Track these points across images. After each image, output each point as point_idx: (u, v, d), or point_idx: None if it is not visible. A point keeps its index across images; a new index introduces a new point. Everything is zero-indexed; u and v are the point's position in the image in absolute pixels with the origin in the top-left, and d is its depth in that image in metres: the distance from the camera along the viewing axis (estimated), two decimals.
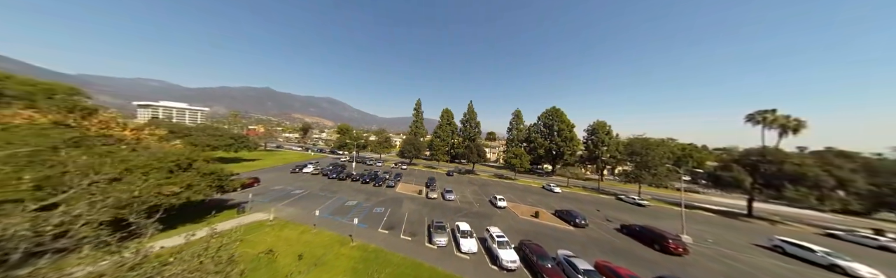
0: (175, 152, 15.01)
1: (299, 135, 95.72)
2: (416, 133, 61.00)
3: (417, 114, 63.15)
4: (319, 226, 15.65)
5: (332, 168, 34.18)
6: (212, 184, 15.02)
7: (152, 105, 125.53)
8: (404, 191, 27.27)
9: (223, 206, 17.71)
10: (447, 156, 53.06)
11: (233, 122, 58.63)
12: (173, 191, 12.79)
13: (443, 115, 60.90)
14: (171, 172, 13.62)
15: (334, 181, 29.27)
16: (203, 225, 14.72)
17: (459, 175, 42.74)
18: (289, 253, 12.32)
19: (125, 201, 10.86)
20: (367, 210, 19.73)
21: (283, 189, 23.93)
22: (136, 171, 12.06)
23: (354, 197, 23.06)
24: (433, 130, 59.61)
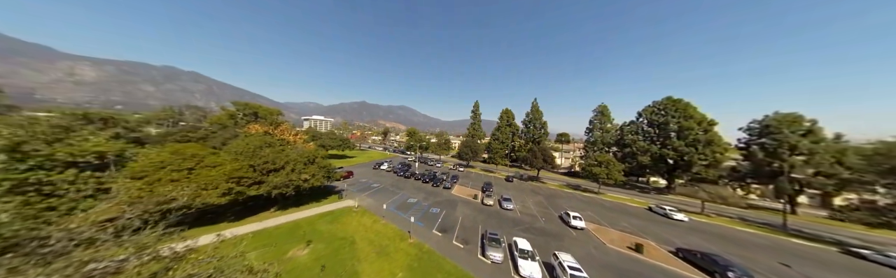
0: (308, 151, 21.98)
1: (381, 138, 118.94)
2: (474, 135, 60.62)
3: (475, 116, 62.79)
4: (386, 219, 18.06)
5: (401, 166, 39.49)
6: (325, 174, 20.79)
7: (310, 118, 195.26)
8: (460, 193, 27.24)
9: (330, 192, 24.11)
10: (506, 160, 49.14)
11: (343, 129, 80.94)
12: (305, 178, 18.65)
13: (502, 116, 57.32)
14: (305, 165, 19.97)
15: (401, 178, 33.56)
16: (319, 204, 20.59)
17: (520, 181, 38.35)
18: (364, 239, 14.79)
19: (284, 182, 16.68)
20: (424, 209, 21.02)
21: (366, 182, 29.89)
22: (292, 163, 18.49)
23: (415, 195, 25.29)
24: (491, 132, 57.16)
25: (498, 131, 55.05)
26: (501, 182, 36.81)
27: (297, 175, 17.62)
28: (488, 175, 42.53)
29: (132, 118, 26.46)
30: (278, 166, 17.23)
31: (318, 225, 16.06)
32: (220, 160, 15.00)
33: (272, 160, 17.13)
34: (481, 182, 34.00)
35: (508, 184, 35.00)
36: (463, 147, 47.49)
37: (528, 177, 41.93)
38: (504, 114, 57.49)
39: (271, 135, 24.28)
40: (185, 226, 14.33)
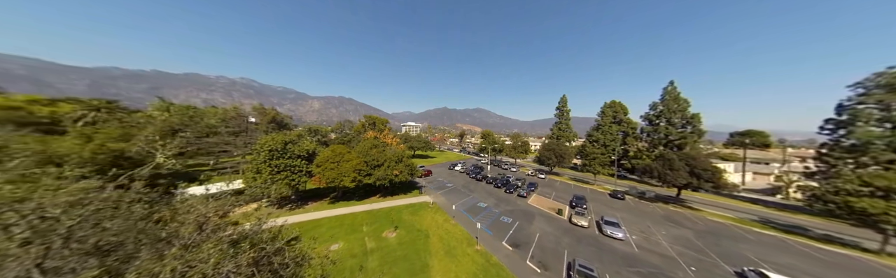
0: (399, 152, 27.73)
1: (457, 140, 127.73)
2: (560, 136, 50.29)
3: (561, 113, 52.11)
4: (457, 219, 18.81)
5: (473, 168, 40.06)
6: (409, 171, 25.23)
7: (405, 125, 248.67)
8: (538, 204, 23.36)
9: (414, 187, 28.74)
10: (610, 169, 36.25)
11: (428, 132, 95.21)
12: (396, 173, 23.56)
13: (604, 111, 43.70)
14: (396, 163, 25.31)
15: (473, 180, 33.93)
16: (405, 197, 25.12)
17: (640, 201, 26.97)
18: (436, 235, 16.19)
19: (383, 176, 21.88)
20: (494, 216, 19.88)
21: (441, 181, 32.96)
22: (388, 161, 24.15)
23: (486, 199, 24.56)
24: (586, 133, 44.83)
25: (597, 131, 42.32)
26: (602, 198, 27.80)
27: (390, 170, 22.58)
28: (581, 186, 33.59)
29: (326, 129, 45.86)
30: (380, 163, 22.94)
31: (403, 215, 19.52)
32: (351, 157, 22.22)
33: (376, 158, 23.09)
34: (569, 194, 27.61)
35: (615, 203, 25.76)
36: (544, 150, 40.54)
37: (659, 196, 28.75)
38: (608, 109, 43.46)
39: (378, 138, 32.89)
40: (336, 199, 22.29)
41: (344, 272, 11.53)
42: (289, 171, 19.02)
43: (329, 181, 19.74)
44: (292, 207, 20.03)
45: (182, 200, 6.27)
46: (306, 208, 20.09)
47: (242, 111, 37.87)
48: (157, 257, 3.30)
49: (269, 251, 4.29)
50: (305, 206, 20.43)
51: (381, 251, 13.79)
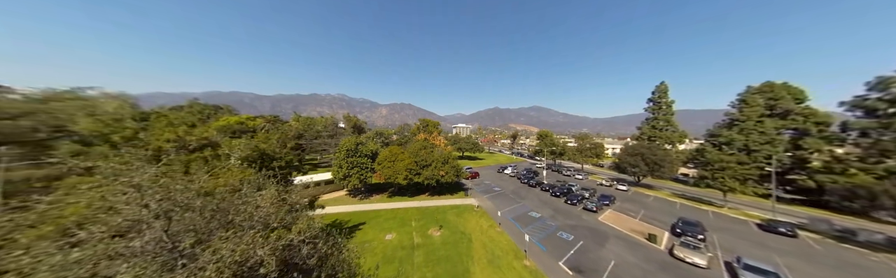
0: (445, 153, 28.79)
1: (509, 142, 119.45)
2: (654, 137, 37.66)
3: (658, 106, 38.86)
4: (503, 227, 17.49)
5: (526, 173, 36.18)
6: (455, 173, 25.68)
7: (456, 126, 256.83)
8: (615, 223, 18.33)
9: (460, 188, 28.94)
10: (760, 186, 23.39)
11: (478, 134, 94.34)
12: (442, 173, 24.55)
13: (748, 100, 29.66)
14: (442, 163, 26.38)
15: (524, 186, 30.59)
16: (451, 197, 25.67)
17: (846, 247, 16.32)
18: (479, 240, 15.63)
19: (430, 175, 23.33)
20: (549, 229, 17.15)
21: (489, 184, 31.61)
22: (435, 162, 25.58)
23: (540, 209, 21.58)
24: (708, 131, 31.26)
25: (731, 129, 28.63)
26: (743, 229, 18.77)
27: (437, 171, 23.71)
28: (695, 207, 23.84)
29: (389, 132, 54.21)
30: (428, 163, 24.54)
31: (448, 215, 19.98)
32: (404, 157, 24.96)
33: (425, 158, 24.84)
34: (670, 216, 20.27)
35: (771, 240, 16.73)
36: (627, 155, 31.37)
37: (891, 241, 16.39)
38: (757, 95, 28.99)
39: (428, 140, 35.35)
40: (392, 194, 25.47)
41: (394, 262, 12.91)
42: (359, 168, 23.44)
43: (386, 177, 22.91)
44: (361, 197, 24.50)
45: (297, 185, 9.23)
46: (371, 199, 24.06)
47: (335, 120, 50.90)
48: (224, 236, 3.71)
49: (294, 242, 4.30)
50: (370, 198, 24.51)
51: (426, 248, 14.57)
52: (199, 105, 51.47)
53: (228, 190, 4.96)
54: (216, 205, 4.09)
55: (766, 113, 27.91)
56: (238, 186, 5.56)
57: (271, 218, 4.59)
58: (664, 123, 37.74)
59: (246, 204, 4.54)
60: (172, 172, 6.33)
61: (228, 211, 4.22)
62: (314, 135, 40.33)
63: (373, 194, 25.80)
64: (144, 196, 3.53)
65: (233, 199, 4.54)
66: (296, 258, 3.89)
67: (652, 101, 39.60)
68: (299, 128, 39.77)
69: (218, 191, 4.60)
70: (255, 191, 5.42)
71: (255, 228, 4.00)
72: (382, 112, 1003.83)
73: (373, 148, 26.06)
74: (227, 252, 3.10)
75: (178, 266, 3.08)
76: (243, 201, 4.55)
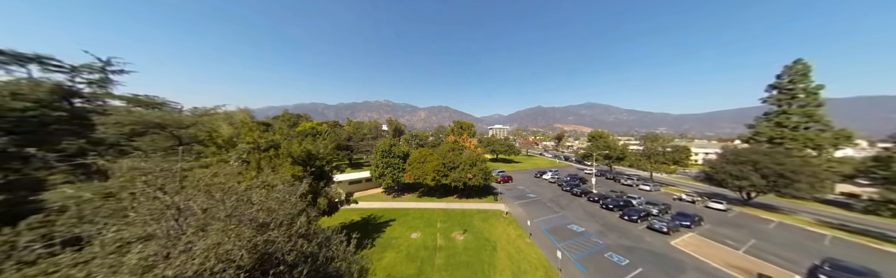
0: (474, 156, 28.15)
1: (553, 144, 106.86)
2: (780, 138, 26.44)
3: (790, 95, 26.95)
4: (534, 238, 15.69)
5: (570, 179, 31.54)
6: (483, 176, 24.75)
7: (492, 128, 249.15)
8: (698, 253, 13.83)
9: (489, 192, 27.63)
10: None
11: (517, 135, 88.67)
12: (469, 176, 24.06)
13: None
14: (470, 166, 25.86)
15: (566, 194, 26.65)
16: (480, 201, 24.77)
17: None
18: (504, 250, 14.49)
19: (457, 178, 23.29)
20: (594, 248, 14.34)
21: (523, 190, 28.99)
22: (462, 164, 25.38)
23: (583, 223, 18.31)
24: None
25: None
26: None
27: (464, 173, 23.38)
28: (870, 247, 15.57)
29: (426, 134, 57.59)
30: (455, 165, 24.51)
31: (473, 220, 19.33)
32: (432, 158, 25.74)
33: (453, 160, 24.92)
34: (806, 252, 14.02)
35: None
36: (726, 162, 22.87)
37: None
38: None
39: (458, 142, 35.39)
40: (422, 194, 26.50)
41: (416, 261, 13.31)
42: (392, 167, 25.50)
43: (415, 178, 24.06)
44: (395, 195, 26.48)
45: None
46: (403, 198, 25.70)
47: (379, 123, 57.77)
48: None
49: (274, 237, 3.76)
50: (402, 196, 26.21)
51: (448, 250, 14.45)
52: (288, 114, 67.71)
53: (261, 185, 5.70)
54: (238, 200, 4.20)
55: None
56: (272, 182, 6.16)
57: (272, 215, 4.25)
58: (802, 119, 25.64)
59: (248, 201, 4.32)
60: (249, 167, 8.64)
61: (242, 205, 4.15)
62: (361, 137, 46.46)
63: (405, 193, 27.51)
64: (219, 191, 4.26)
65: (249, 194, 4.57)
66: (278, 253, 3.65)
67: (777, 89, 27.60)
68: (350, 132, 46.85)
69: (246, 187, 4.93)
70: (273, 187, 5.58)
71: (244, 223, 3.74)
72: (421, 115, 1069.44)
73: (405, 149, 27.94)
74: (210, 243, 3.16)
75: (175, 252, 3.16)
76: (247, 198, 4.39)
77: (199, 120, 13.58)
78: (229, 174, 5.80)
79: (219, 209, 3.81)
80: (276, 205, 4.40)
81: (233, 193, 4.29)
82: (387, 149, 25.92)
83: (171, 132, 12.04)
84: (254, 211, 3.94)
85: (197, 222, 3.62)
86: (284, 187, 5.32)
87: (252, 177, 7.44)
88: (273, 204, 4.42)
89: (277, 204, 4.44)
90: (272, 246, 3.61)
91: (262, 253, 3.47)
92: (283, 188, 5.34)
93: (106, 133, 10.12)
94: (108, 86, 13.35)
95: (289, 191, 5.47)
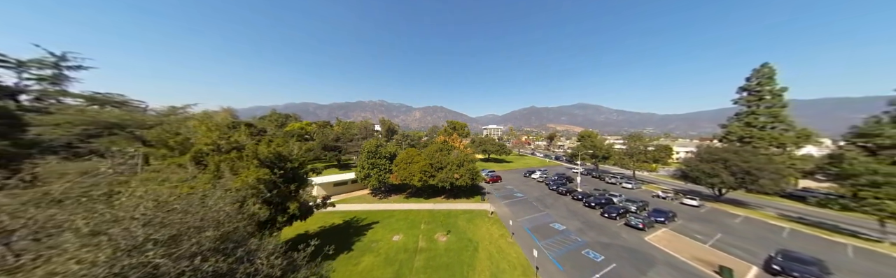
0: (462, 156, 28.10)
1: (545, 144, 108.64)
2: (749, 137, 28.01)
3: (758, 97, 28.75)
4: (516, 237, 15.77)
5: (557, 178, 32.06)
6: (470, 176, 24.71)
7: (487, 127, 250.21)
8: (669, 247, 14.32)
9: (477, 192, 27.66)
10: None
11: (511, 135, 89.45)
12: (456, 176, 23.98)
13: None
14: (457, 166, 25.78)
15: (552, 193, 27.06)
16: (467, 202, 24.71)
17: None
18: (485, 250, 14.48)
19: (444, 178, 23.13)
20: (572, 245, 14.57)
21: (511, 189, 29.19)
22: (449, 165, 25.27)
23: (566, 221, 18.59)
24: (857, 129, 21.32)
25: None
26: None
27: (451, 173, 23.27)
28: (823, 238, 16.62)
29: (420, 134, 57.10)
30: (443, 165, 24.37)
31: (458, 220, 19.25)
32: (419, 159, 25.50)
33: (440, 160, 24.77)
34: (766, 244, 14.72)
35: None
36: (700, 161, 24.03)
37: None
38: None
39: (447, 142, 35.28)
40: (410, 195, 26.20)
41: (395, 264, 13.08)
42: (378, 168, 25.08)
43: (401, 178, 23.76)
44: (381, 197, 26.07)
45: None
46: (389, 199, 25.34)
47: (370, 123, 56.91)
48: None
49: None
50: (388, 198, 25.83)
51: (429, 252, 14.29)
52: (276, 114, 65.49)
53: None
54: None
55: None
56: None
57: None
58: (768, 119, 27.39)
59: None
60: (206, 171, 8.18)
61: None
62: (350, 137, 45.52)
63: (392, 194, 27.14)
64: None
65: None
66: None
67: (747, 91, 29.32)
68: (339, 132, 45.82)
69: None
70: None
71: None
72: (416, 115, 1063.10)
73: (392, 150, 27.56)
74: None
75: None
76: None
77: (165, 120, 12.84)
78: (167, 179, 5.40)
79: (79, 224, 3.04)
80: (178, 215, 3.64)
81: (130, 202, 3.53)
82: (373, 149, 25.49)
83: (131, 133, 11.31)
84: (137, 224, 3.21)
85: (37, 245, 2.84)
86: (222, 193, 4.88)
87: (206, 182, 7.03)
88: (173, 215, 3.62)
89: (180, 214, 3.67)
90: (141, 271, 2.83)
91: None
92: (210, 194, 4.58)
93: (54, 133, 9.36)
94: (63, 84, 12.37)
95: (221, 196, 4.68)
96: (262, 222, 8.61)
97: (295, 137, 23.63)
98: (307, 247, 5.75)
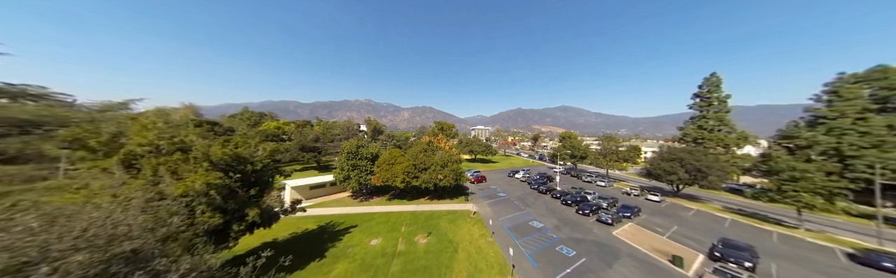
0: (446, 157, 27.97)
1: (530, 144, 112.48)
2: (702, 139, 31.16)
3: (708, 103, 32.10)
4: (497, 236, 15.92)
5: (538, 178, 33.15)
6: (454, 177, 24.63)
7: (475, 128, 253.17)
8: (632, 240, 15.32)
9: (462, 193, 27.69)
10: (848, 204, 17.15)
11: (499, 136, 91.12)
12: (440, 177, 23.77)
13: (841, 91, 23.80)
14: (441, 167, 25.60)
15: (534, 192, 27.89)
16: (451, 202, 24.62)
17: None
18: (465, 251, 14.40)
19: (427, 179, 22.80)
20: (548, 242, 15.05)
21: (494, 189, 29.62)
22: (433, 165, 25.00)
23: (544, 219, 19.20)
24: (780, 133, 24.65)
25: (816, 129, 22.12)
26: (823, 260, 13.89)
27: (435, 174, 23.02)
28: (753, 226, 18.78)
29: (407, 134, 55.88)
30: (426, 166, 24.04)
31: (441, 221, 19.05)
32: (402, 160, 24.94)
33: (424, 161, 24.41)
34: (710, 235, 16.20)
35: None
36: (661, 160, 26.34)
37: None
38: (855, 85, 22.70)
39: (432, 143, 35.00)
40: (393, 197, 25.52)
41: (370, 270, 12.52)
42: (359, 170, 24.12)
43: (383, 180, 23.06)
44: (362, 199, 25.09)
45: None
46: (370, 202, 24.45)
47: (353, 123, 54.53)
48: None
49: None
50: (370, 200, 24.93)
51: (407, 256, 13.90)
52: (248, 112, 60.36)
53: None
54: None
55: (871, 107, 20.74)
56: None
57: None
58: (715, 123, 30.78)
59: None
60: (140, 175, 7.07)
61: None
62: (330, 138, 43.43)
63: (374, 196, 26.24)
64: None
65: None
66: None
67: (699, 97, 32.79)
68: (318, 132, 43.47)
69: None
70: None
71: None
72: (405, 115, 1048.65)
73: (374, 150, 26.68)
74: None
75: None
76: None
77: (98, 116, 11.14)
78: (87, 187, 4.56)
79: None
80: (42, 235, 2.83)
81: None
82: (353, 150, 24.47)
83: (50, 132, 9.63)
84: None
85: None
86: (140, 203, 4.20)
87: (138, 189, 6.11)
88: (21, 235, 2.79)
89: (44, 234, 2.85)
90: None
91: None
92: (118, 203, 3.78)
93: None
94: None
95: (125, 206, 4.02)
96: (212, 232, 7.71)
97: (257, 137, 21.85)
98: (257, 260, 5.21)
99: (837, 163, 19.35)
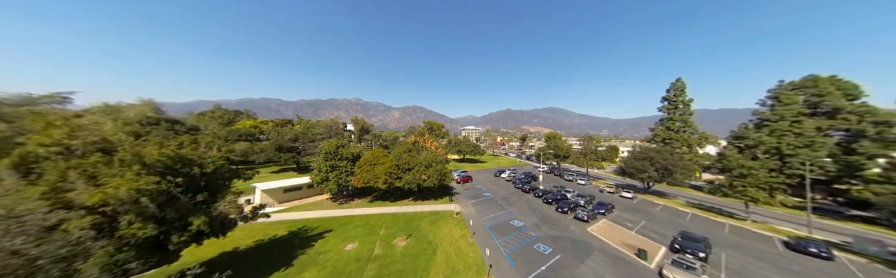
0: (430, 157, 27.51)
1: (518, 144, 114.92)
2: (669, 139, 33.28)
3: (674, 106, 34.45)
4: (477, 236, 15.75)
5: (523, 177, 33.65)
6: (438, 177, 24.24)
7: (465, 128, 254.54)
8: (605, 236, 15.86)
9: (447, 193, 27.37)
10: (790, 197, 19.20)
11: (488, 136, 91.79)
12: (423, 178, 23.26)
13: (781, 97, 26.24)
14: (426, 168, 25.11)
15: (518, 191, 28.24)
16: (435, 203, 24.17)
17: None
18: (444, 253, 14.07)
19: (411, 180, 22.16)
20: (527, 240, 15.14)
21: (480, 189, 29.63)
22: (418, 166, 24.43)
23: (524, 217, 19.38)
24: (732, 133, 26.96)
25: (761, 131, 24.36)
26: (762, 247, 15.23)
27: (419, 175, 22.48)
28: (711, 220, 20.25)
29: (397, 134, 54.39)
30: (410, 167, 23.43)
31: (422, 223, 18.59)
32: (385, 160, 24.14)
33: (408, 162, 23.78)
34: (673, 228, 17.24)
35: (796, 263, 13.12)
36: (633, 159, 27.74)
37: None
38: (794, 92, 25.55)
39: (418, 143, 34.37)
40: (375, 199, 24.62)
41: (341, 277, 11.79)
42: (338, 171, 23.00)
43: (365, 181, 22.15)
44: (341, 202, 23.97)
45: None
46: (350, 204, 23.41)
47: (338, 122, 52.08)
48: None
49: None
50: (350, 202, 23.88)
51: (384, 260, 13.31)
52: (221, 110, 55.59)
53: None
54: None
55: (805, 111, 23.32)
56: None
57: None
58: (681, 124, 33.16)
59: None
60: (42, 181, 5.89)
61: None
62: (311, 138, 41.27)
63: (355, 198, 25.20)
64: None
65: None
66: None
67: (667, 100, 35.11)
68: (298, 131, 41.06)
69: None
70: None
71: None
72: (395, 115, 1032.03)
73: (355, 151, 25.62)
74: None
75: None
76: None
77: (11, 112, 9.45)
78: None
79: None
80: None
81: None
82: (332, 150, 23.29)
83: None
84: None
85: None
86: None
87: (37, 197, 5.06)
88: None
89: None
90: None
91: None
92: None
93: None
94: None
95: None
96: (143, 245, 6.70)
97: (221, 137, 20.06)
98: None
99: (778, 161, 21.44)
